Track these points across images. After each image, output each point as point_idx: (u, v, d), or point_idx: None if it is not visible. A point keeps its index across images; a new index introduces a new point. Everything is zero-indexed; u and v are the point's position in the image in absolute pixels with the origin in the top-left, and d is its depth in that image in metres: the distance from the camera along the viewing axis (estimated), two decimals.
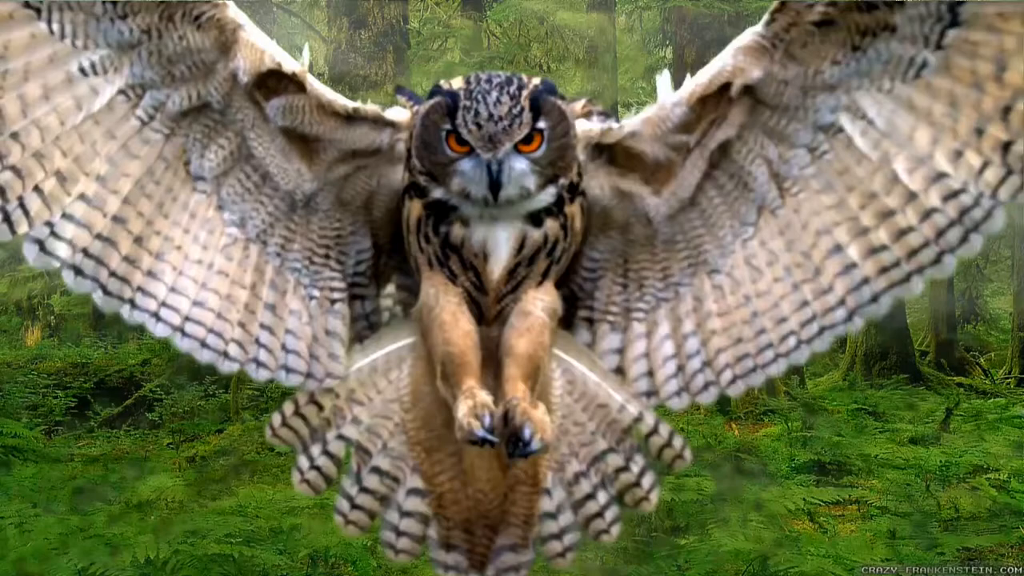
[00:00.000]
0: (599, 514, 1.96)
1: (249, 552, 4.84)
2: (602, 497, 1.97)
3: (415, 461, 1.96)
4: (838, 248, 1.80)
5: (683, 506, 5.89)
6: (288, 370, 1.92)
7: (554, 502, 1.96)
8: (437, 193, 1.82)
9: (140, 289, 1.81)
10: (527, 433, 1.73)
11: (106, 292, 1.79)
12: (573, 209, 1.87)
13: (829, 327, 1.89)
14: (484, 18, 13.02)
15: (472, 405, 1.76)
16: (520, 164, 1.77)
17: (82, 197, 1.75)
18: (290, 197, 1.91)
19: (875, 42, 1.71)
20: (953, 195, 1.71)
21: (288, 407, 1.95)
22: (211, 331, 1.86)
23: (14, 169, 1.70)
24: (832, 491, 6.67)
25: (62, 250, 1.75)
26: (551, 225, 1.84)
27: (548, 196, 1.82)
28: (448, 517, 1.96)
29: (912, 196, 1.73)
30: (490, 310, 1.90)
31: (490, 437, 1.73)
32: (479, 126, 1.73)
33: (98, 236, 1.77)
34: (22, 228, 1.72)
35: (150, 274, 1.82)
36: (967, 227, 1.71)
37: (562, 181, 1.83)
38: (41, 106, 1.71)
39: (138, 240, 1.80)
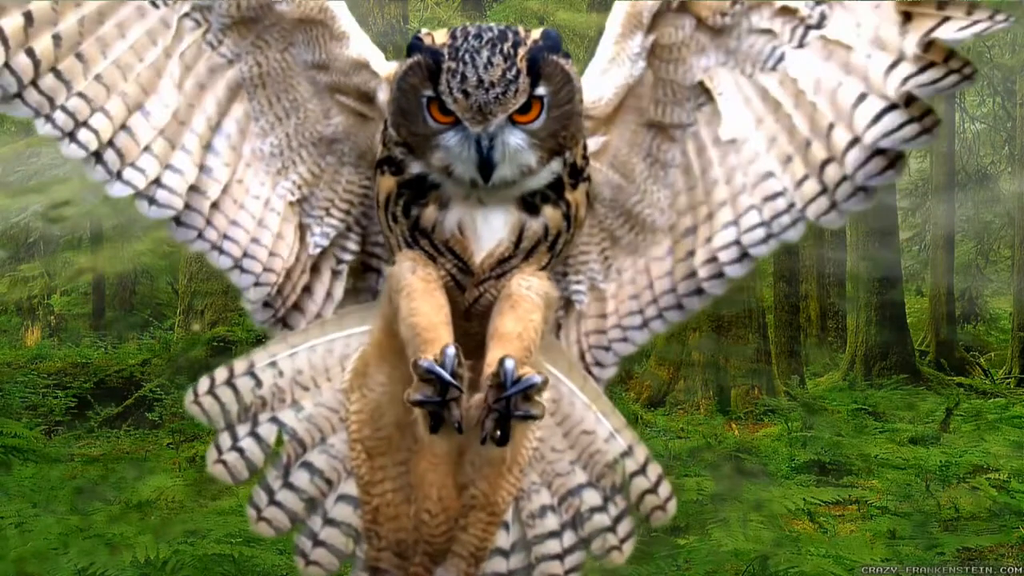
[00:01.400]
0: (558, 557, 1.69)
1: (249, 552, 4.84)
2: (568, 538, 1.70)
3: (354, 463, 1.67)
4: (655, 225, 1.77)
5: (683, 506, 5.88)
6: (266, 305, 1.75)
7: (510, 538, 1.68)
8: (415, 168, 1.59)
9: (209, 222, 1.72)
10: (509, 365, 1.45)
11: (179, 223, 1.71)
12: (577, 196, 1.63)
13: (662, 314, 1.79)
14: (484, 18, 13.03)
15: (433, 352, 1.49)
16: (515, 138, 1.53)
17: (162, 132, 1.68)
18: (319, 136, 1.77)
19: (736, 28, 1.66)
20: (772, 197, 1.69)
21: (221, 373, 1.70)
22: (245, 255, 1.74)
23: (104, 111, 1.64)
24: (832, 491, 6.66)
25: (140, 181, 1.67)
26: (552, 215, 1.61)
27: (548, 174, 1.59)
28: (381, 536, 1.66)
29: (740, 190, 1.70)
30: (470, 292, 1.64)
31: (446, 376, 1.44)
32: (466, 94, 1.48)
33: (169, 167, 1.69)
34: (117, 167, 1.66)
35: (214, 206, 1.72)
36: (772, 232, 1.72)
37: (566, 156, 1.59)
38: (119, 45, 1.64)
39: (203, 169, 1.72)
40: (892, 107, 1.55)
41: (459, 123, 1.52)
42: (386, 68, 1.71)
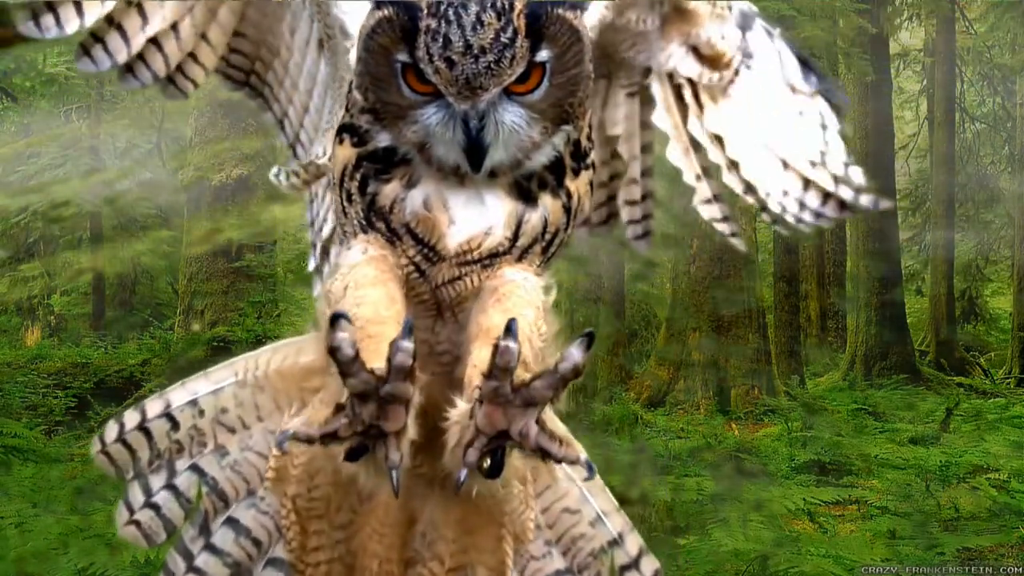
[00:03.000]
0: None
1: None
2: None
3: (284, 525, 1.39)
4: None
5: (683, 506, 5.88)
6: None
7: None
8: (383, 140, 1.31)
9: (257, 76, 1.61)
10: (511, 345, 1.10)
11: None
12: (579, 185, 1.35)
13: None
14: None
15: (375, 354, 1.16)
16: (511, 115, 1.26)
17: None
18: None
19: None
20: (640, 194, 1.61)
21: (131, 417, 1.45)
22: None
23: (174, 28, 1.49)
24: (832, 491, 6.66)
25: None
26: (552, 206, 1.33)
27: (550, 150, 1.31)
28: None
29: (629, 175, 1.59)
30: (442, 274, 1.32)
31: (393, 387, 1.09)
32: (451, 62, 1.19)
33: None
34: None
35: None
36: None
37: (570, 130, 1.32)
38: None
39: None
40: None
41: (442, 96, 1.24)
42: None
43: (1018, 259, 14.88)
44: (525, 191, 1.32)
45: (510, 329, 1.10)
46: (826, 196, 1.53)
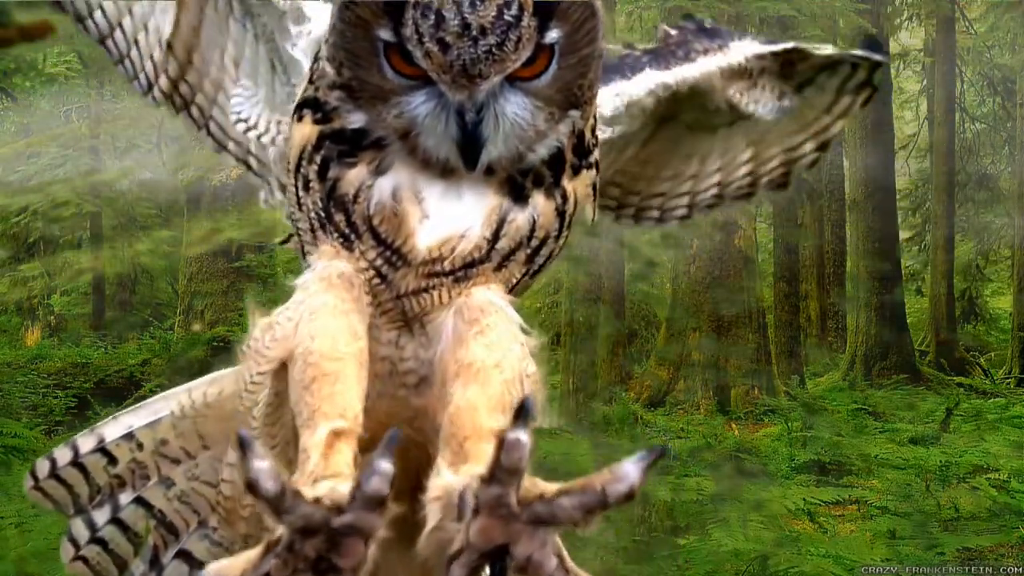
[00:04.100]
0: None
1: None
2: None
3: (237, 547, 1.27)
4: None
5: (683, 506, 5.88)
6: None
7: None
8: (356, 120, 1.13)
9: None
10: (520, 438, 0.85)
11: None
12: (577, 187, 1.18)
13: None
14: None
15: (326, 473, 0.95)
16: (514, 105, 1.09)
17: None
18: None
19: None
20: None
21: (62, 454, 1.38)
22: None
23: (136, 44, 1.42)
24: (832, 491, 6.66)
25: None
26: (544, 207, 1.15)
27: (554, 140, 1.14)
28: None
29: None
30: (406, 283, 1.14)
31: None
32: (444, 45, 1.01)
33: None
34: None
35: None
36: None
37: (576, 119, 1.15)
38: None
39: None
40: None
41: (433, 83, 1.07)
42: None
43: (1018, 259, 14.87)
44: (517, 187, 1.14)
45: (522, 413, 0.87)
46: None
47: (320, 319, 1.08)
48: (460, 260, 1.13)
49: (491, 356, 1.07)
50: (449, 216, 1.12)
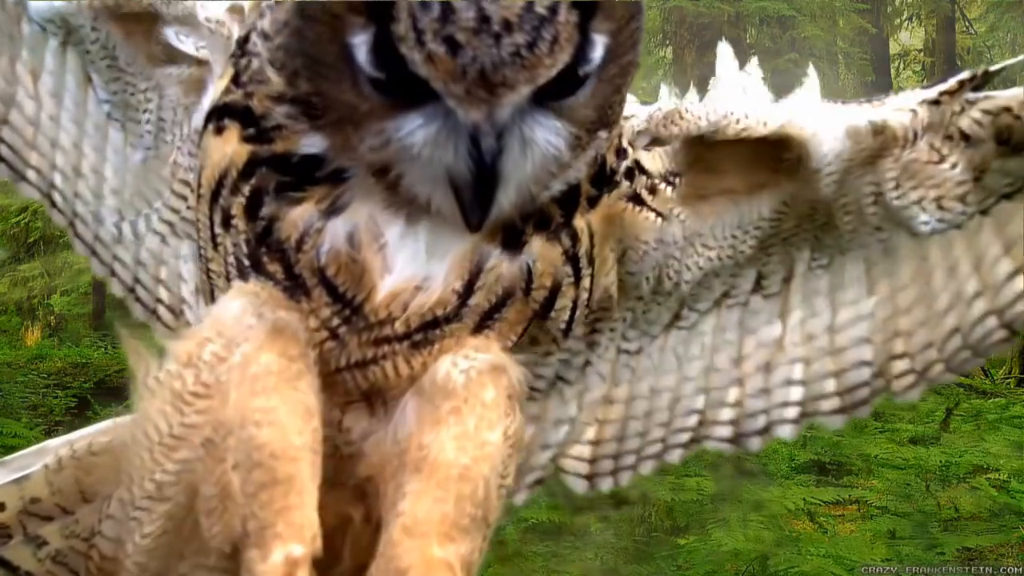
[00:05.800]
0: None
1: None
2: None
3: None
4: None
5: (683, 506, 5.89)
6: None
7: None
8: (310, 145, 0.86)
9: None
10: None
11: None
12: (595, 220, 0.93)
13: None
14: None
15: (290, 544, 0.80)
16: (548, 131, 0.82)
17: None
18: None
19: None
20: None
21: None
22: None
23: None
24: (832, 491, 6.66)
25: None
26: (544, 253, 0.90)
27: (575, 173, 0.89)
28: None
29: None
30: (347, 354, 0.91)
31: None
32: (454, 45, 0.74)
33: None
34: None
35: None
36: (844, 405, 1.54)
37: (605, 136, 0.89)
38: None
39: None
40: None
41: (435, 99, 0.79)
42: None
43: None
44: (510, 231, 0.89)
45: None
46: None
47: (265, 394, 0.84)
48: (416, 319, 0.88)
49: (459, 458, 0.85)
50: (404, 261, 0.87)
